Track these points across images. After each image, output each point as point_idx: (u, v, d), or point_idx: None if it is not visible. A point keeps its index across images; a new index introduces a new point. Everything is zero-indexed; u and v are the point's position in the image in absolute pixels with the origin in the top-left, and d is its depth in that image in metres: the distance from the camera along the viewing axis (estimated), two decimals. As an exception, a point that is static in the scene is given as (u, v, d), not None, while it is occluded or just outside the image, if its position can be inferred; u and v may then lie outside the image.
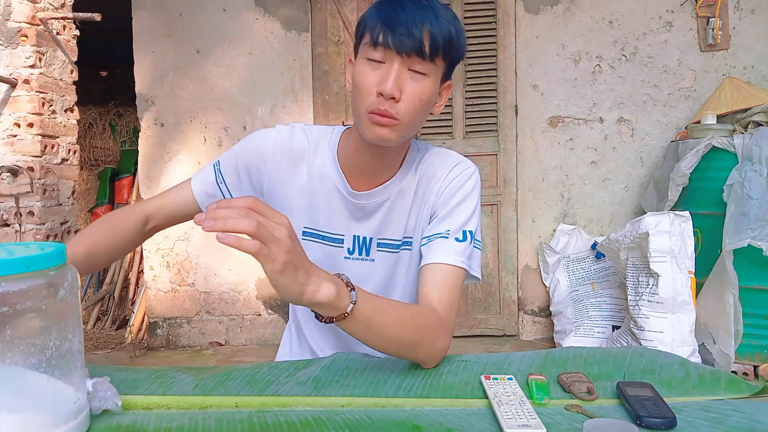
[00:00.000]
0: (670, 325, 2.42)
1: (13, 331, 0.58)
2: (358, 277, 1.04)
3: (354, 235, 1.04)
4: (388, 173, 1.02)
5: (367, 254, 1.05)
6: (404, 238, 1.04)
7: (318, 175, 1.03)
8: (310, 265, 0.69)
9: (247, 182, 1.04)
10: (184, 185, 1.06)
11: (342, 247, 1.04)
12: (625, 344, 2.59)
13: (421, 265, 0.97)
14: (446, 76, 0.95)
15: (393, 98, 0.87)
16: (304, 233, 1.04)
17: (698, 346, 2.46)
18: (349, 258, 1.04)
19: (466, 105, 3.26)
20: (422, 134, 3.26)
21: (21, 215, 2.47)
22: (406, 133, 0.92)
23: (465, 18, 3.22)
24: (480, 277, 1.00)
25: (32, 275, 0.59)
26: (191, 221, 0.94)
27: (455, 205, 1.00)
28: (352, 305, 0.72)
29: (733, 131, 2.67)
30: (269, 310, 3.43)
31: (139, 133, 3.44)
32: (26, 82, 2.48)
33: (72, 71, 2.73)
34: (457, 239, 0.97)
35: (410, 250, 1.05)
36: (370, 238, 1.04)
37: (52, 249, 0.62)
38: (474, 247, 0.99)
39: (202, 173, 1.06)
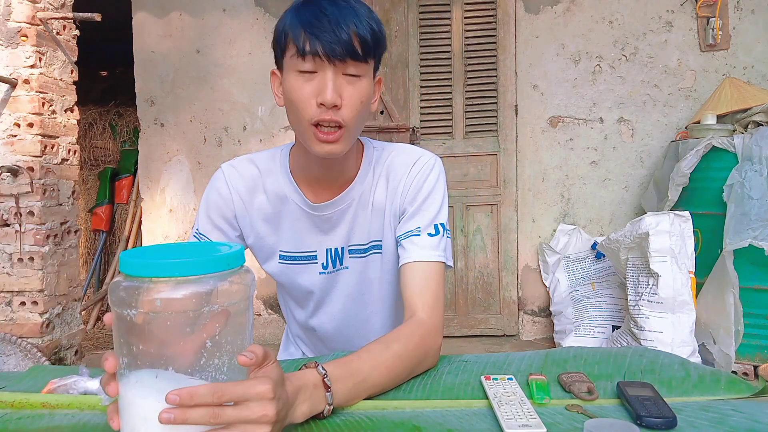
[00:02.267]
0: (670, 325, 2.42)
1: (221, 329, 0.55)
2: (332, 286, 1.05)
3: (326, 249, 1.02)
4: (346, 179, 1.00)
5: (341, 263, 1.04)
6: (370, 242, 1.03)
7: (276, 198, 1.01)
8: (287, 401, 0.62)
9: (231, 232, 1.02)
10: None
11: (316, 263, 1.03)
12: (625, 344, 2.59)
13: (400, 265, 0.96)
14: (375, 71, 0.93)
15: (335, 106, 0.85)
16: (280, 257, 1.04)
17: (698, 346, 2.46)
18: (324, 273, 1.04)
19: (466, 105, 3.26)
20: (422, 134, 3.26)
21: (21, 215, 2.48)
22: (352, 138, 0.91)
23: (465, 18, 3.22)
24: (452, 265, 1.00)
25: (232, 273, 0.56)
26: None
27: (423, 200, 0.98)
28: (329, 406, 0.68)
29: (733, 131, 2.67)
30: (269, 310, 3.43)
31: (139, 133, 3.45)
32: (26, 82, 2.48)
33: (72, 71, 2.73)
34: (429, 234, 0.96)
35: (380, 253, 1.03)
36: (342, 248, 1.03)
37: (237, 248, 0.59)
38: (446, 237, 0.99)
39: None
